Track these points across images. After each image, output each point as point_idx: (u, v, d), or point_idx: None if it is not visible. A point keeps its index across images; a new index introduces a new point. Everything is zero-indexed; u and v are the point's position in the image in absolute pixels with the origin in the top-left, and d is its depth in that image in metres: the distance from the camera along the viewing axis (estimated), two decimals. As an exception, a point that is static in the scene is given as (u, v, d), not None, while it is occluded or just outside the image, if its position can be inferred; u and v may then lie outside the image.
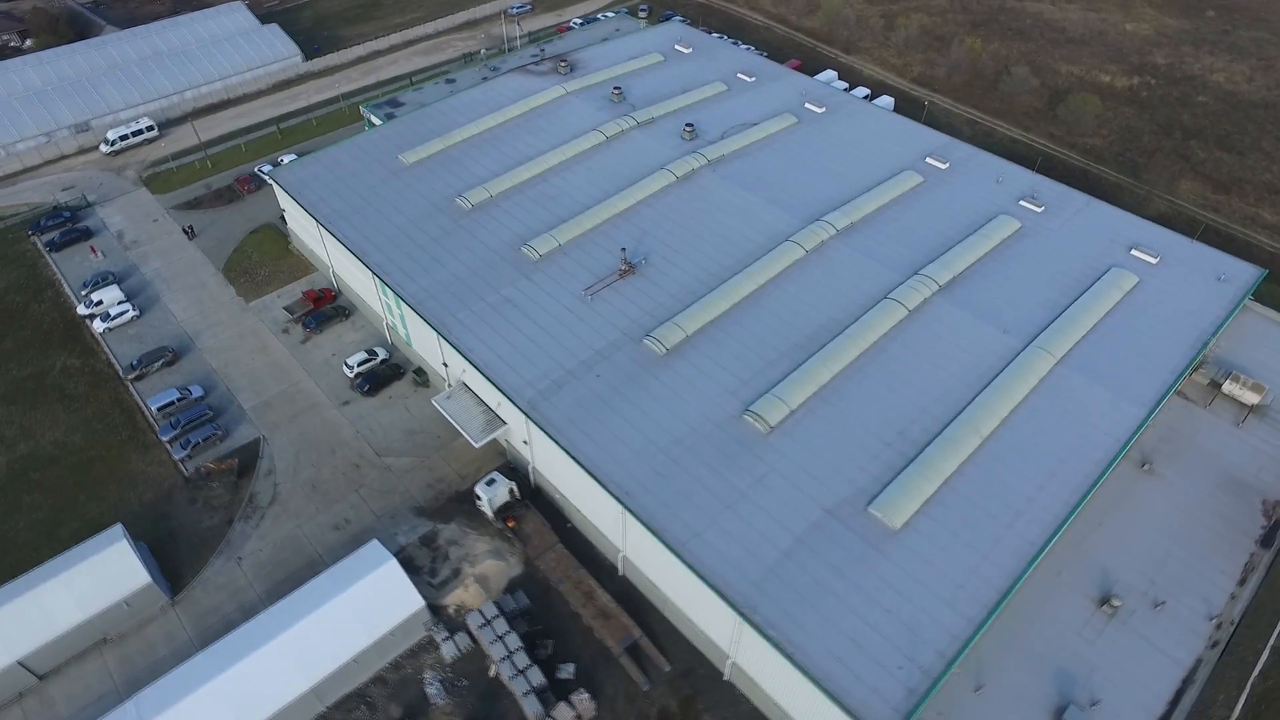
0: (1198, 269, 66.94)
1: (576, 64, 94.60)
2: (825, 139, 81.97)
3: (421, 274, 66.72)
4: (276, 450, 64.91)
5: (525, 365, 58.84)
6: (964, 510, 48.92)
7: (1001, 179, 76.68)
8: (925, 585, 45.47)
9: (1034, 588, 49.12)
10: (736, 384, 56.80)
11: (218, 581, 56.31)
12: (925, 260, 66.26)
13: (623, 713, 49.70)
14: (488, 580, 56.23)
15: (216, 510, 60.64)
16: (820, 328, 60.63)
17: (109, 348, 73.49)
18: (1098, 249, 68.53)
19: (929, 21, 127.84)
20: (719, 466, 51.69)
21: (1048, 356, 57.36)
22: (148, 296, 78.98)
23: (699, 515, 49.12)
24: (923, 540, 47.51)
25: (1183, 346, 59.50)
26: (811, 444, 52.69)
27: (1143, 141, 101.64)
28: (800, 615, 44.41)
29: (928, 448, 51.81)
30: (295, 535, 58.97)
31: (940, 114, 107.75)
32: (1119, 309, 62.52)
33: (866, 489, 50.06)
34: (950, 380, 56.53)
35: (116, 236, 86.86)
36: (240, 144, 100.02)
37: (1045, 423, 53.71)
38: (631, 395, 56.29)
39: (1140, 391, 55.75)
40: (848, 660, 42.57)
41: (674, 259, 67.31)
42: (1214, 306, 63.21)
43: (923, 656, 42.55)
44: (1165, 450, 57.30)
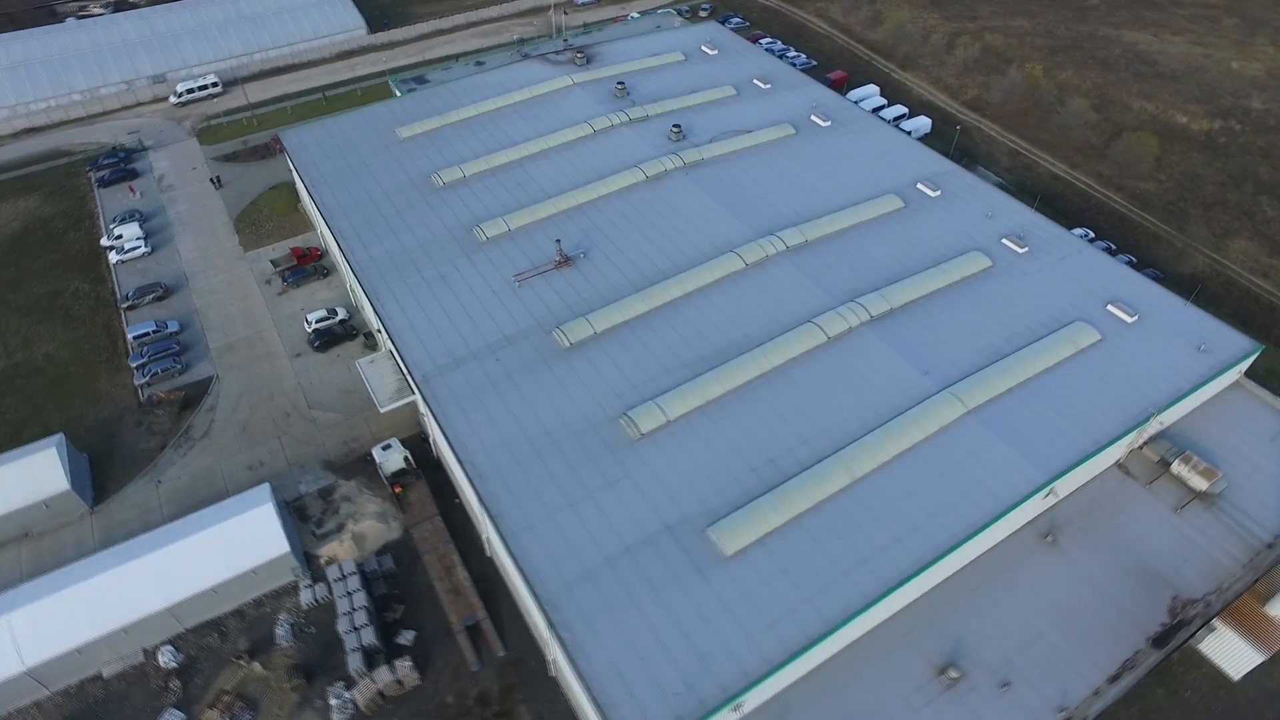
0: (1179, 334, 60.37)
1: (595, 57, 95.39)
2: (817, 153, 79.12)
3: (375, 242, 69.75)
4: (224, 390, 69.84)
5: (434, 340, 60.61)
6: (804, 549, 46.70)
7: (993, 214, 71.70)
8: (734, 617, 43.87)
9: (875, 643, 46.71)
10: (626, 387, 56.35)
11: (134, 499, 61.44)
12: (870, 288, 63.12)
13: (444, 687, 50.74)
14: (364, 539, 58.59)
15: (155, 436, 66.03)
16: (732, 343, 59.09)
17: (116, 278, 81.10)
18: (1069, 299, 63.02)
19: (1003, 43, 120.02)
20: (577, 465, 51.62)
21: (958, 405, 53.51)
22: (164, 236, 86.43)
23: (540, 508, 49.31)
24: (750, 571, 45.79)
25: (1121, 416, 53.96)
26: (676, 457, 51.63)
27: (1204, 191, 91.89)
28: (599, 623, 43.91)
29: (791, 480, 49.69)
30: (213, 469, 63.41)
31: (982, 140, 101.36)
32: (1066, 366, 57.34)
33: (713, 511, 48.65)
34: (844, 415, 53.83)
35: (158, 179, 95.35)
36: (287, 106, 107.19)
37: (928, 473, 50.26)
38: (522, 383, 56.94)
39: (1049, 457, 51.08)
40: (628, 676, 41.79)
41: (614, 257, 67.20)
42: (1179, 377, 56.89)
43: (704, 688, 41.20)
44: (1080, 524, 52.63)
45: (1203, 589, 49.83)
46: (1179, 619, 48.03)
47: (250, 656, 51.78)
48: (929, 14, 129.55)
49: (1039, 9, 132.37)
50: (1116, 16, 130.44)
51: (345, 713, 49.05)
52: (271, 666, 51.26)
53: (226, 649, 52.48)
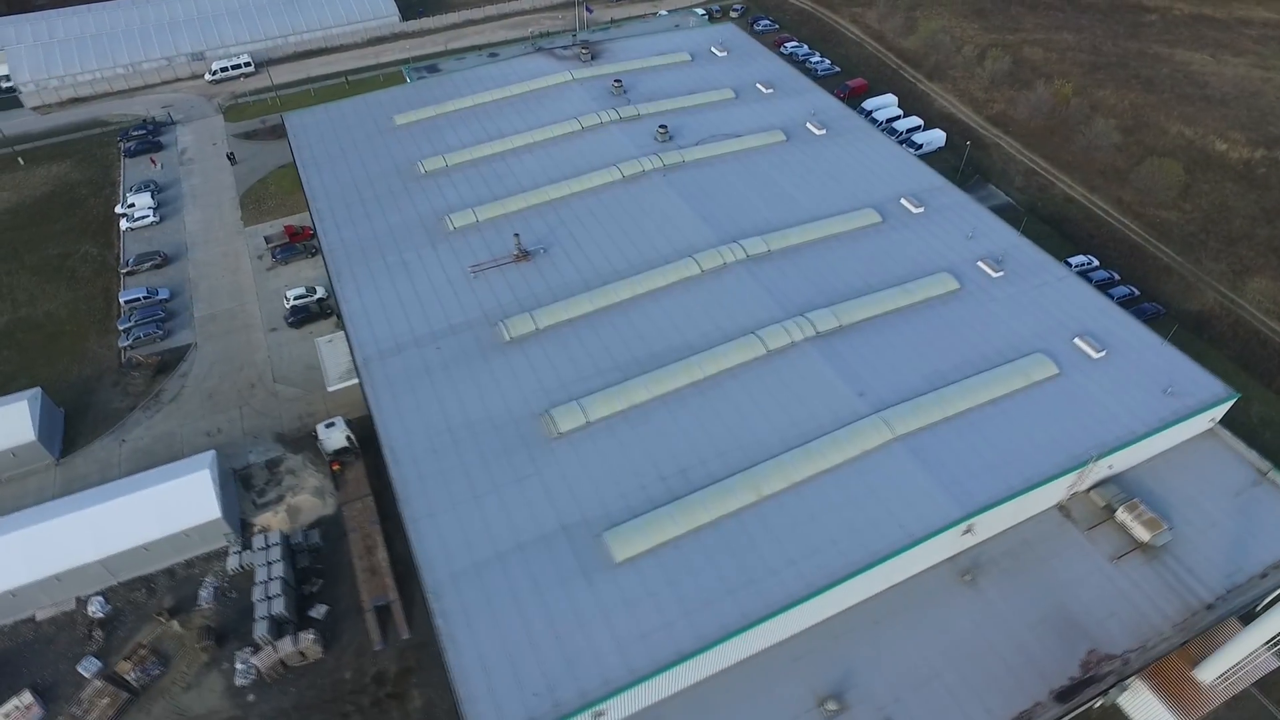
0: (1147, 374, 56.84)
1: (601, 53, 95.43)
2: (803, 162, 77.39)
3: (349, 226, 71.57)
4: (199, 357, 72.96)
5: (383, 325, 61.83)
6: (696, 563, 45.87)
7: (974, 234, 68.89)
8: (610, 624, 43.49)
9: (762, 666, 45.66)
10: (556, 385, 56.41)
11: (98, 455, 64.81)
12: (825, 304, 61.49)
13: (345, 664, 52.00)
14: (299, 512, 60.39)
15: (128, 396, 69.49)
16: (670, 349, 58.42)
17: (123, 244, 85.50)
18: (1036, 329, 60.07)
19: (1041, 57, 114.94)
20: (491, 458, 51.96)
21: (885, 431, 51.65)
22: (174, 207, 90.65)
23: (445, 497, 49.87)
24: (635, 580, 45.28)
25: (1060, 457, 51.08)
26: (589, 459, 51.44)
27: (1231, 224, 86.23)
28: (476, 616, 44.21)
29: (697, 492, 48.92)
30: (174, 433, 66.35)
31: (999, 158, 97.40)
32: (1014, 398, 54.65)
33: (613, 516, 48.28)
34: (768, 431, 52.61)
35: (180, 153, 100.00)
36: (311, 89, 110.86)
37: (838, 498, 48.68)
38: (456, 373, 57.64)
39: (970, 493, 48.79)
40: (493, 672, 41.94)
41: (573, 254, 67.25)
42: (1136, 420, 53.58)
43: (564, 692, 41.03)
44: (1005, 565, 50.26)
45: (1124, 645, 46.93)
46: (1091, 674, 45.41)
47: (171, 614, 54.13)
48: (969, 24, 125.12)
49: (1090, 23, 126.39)
50: (1174, 34, 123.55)
51: (248, 678, 50.83)
52: (188, 626, 53.48)
53: (151, 605, 54.97)
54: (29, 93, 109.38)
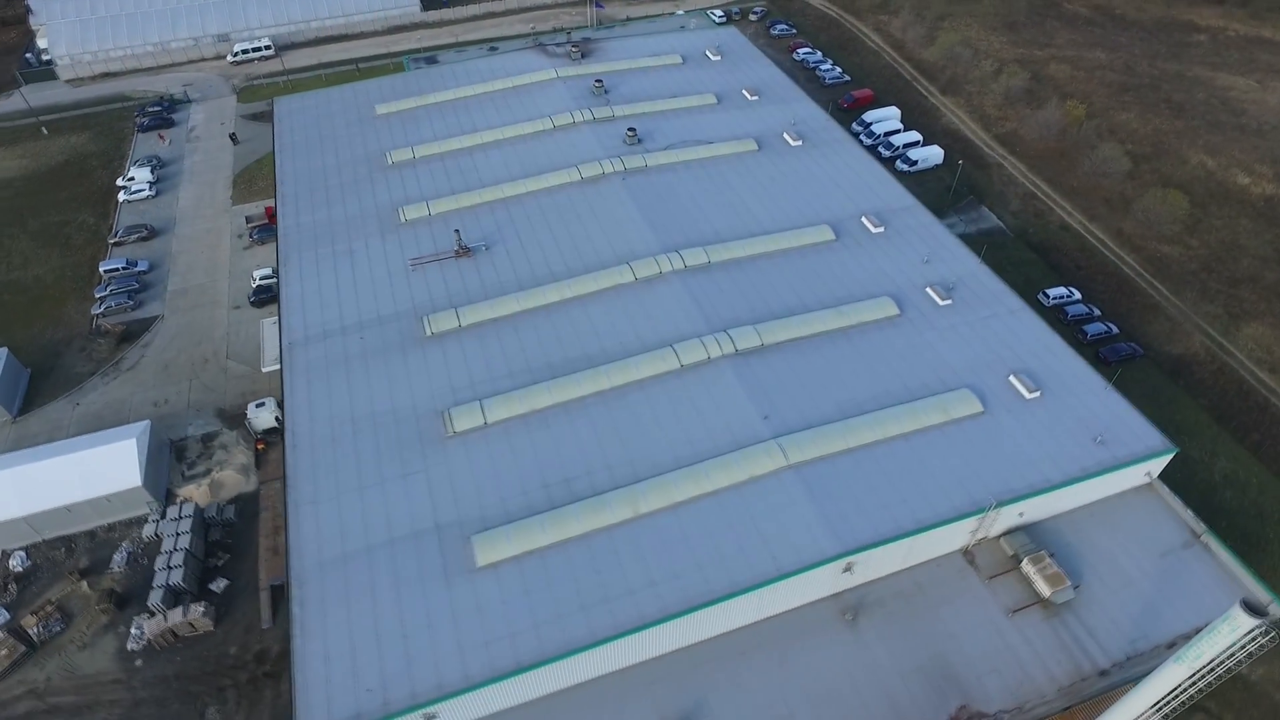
0: (1081, 420, 53.58)
1: (592, 52, 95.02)
2: (769, 173, 75.56)
3: (309, 211, 73.12)
4: (164, 329, 75.72)
5: (316, 311, 63.02)
6: (557, 576, 45.37)
7: (931, 259, 66.16)
8: (456, 628, 43.39)
9: (615, 686, 44.97)
10: (465, 384, 56.53)
11: (51, 416, 67.97)
12: (754, 320, 59.93)
13: (232, 639, 53.31)
14: (221, 487, 62.17)
15: (91, 362, 72.64)
16: (585, 356, 57.86)
17: (117, 216, 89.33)
18: (969, 362, 57.35)
19: (1067, 75, 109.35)
20: (384, 452, 52.43)
21: (779, 458, 50.01)
22: (171, 182, 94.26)
23: (331, 486, 50.57)
24: (493, 586, 45.06)
25: (960, 501, 48.61)
26: (477, 460, 51.39)
27: (1238, 265, 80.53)
28: (332, 607, 44.72)
29: (574, 504, 48.38)
30: (125, 400, 69.06)
31: (1000, 179, 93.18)
32: (928, 434, 52.25)
33: (486, 520, 48.15)
34: (661, 447, 51.57)
35: (189, 130, 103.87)
36: (323, 74, 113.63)
37: (716, 523, 47.34)
38: (373, 364, 58.31)
39: (854, 530, 46.87)
40: (334, 663, 42.35)
41: (515, 254, 67.23)
42: (1056, 468, 50.56)
43: (396, 691, 41.16)
44: (892, 608, 48.27)
45: (998, 704, 44.47)
46: (954, 731, 43.28)
47: (83, 575, 56.44)
48: (997, 37, 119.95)
49: (1129, 41, 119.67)
50: (1222, 57, 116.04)
51: (138, 643, 52.63)
52: (95, 588, 55.65)
53: (68, 564, 57.44)
54: (64, 66, 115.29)
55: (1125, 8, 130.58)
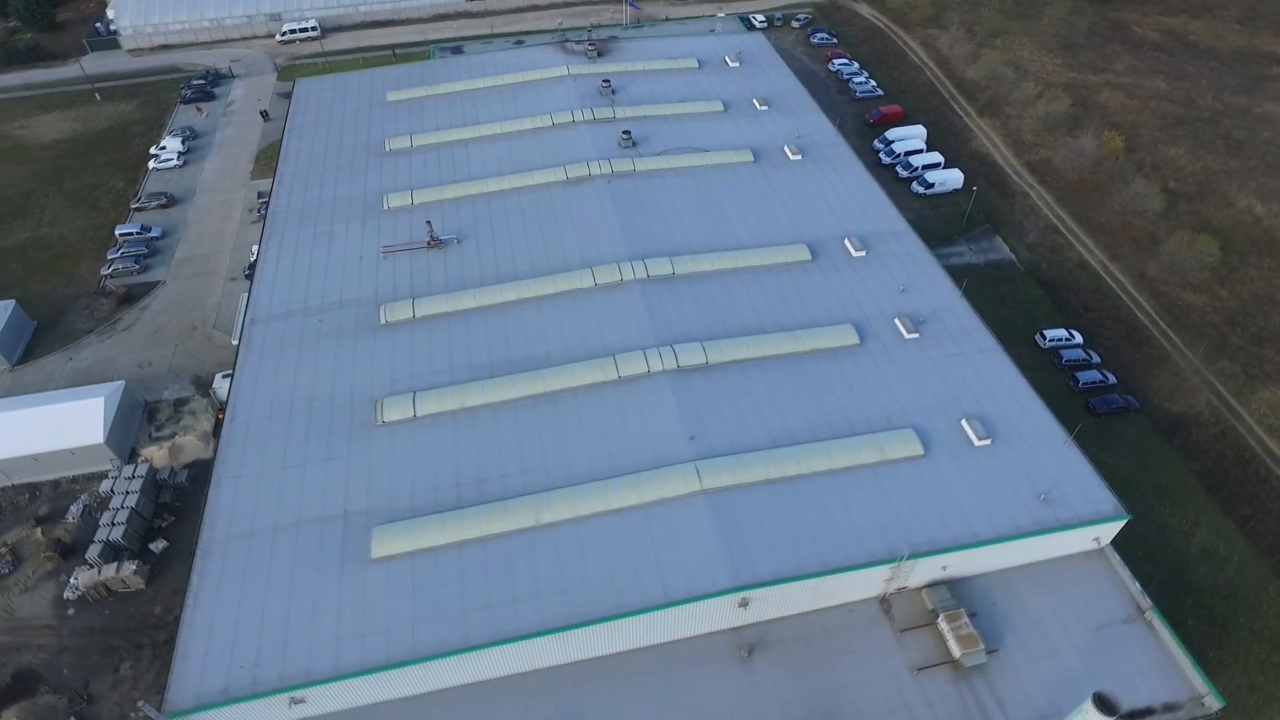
0: (1029, 475, 50.26)
1: (610, 51, 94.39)
2: (759, 186, 73.58)
3: (301, 192, 75.05)
4: (162, 295, 79.08)
5: (285, 289, 64.65)
6: (446, 576, 45.18)
7: (907, 289, 63.20)
8: (339, 617, 43.74)
9: (491, 694, 44.57)
10: (405, 375, 57.00)
11: (46, 368, 71.86)
12: (705, 337, 58.41)
13: (161, 599, 55.21)
14: (181, 451, 64.51)
15: (91, 320, 76.47)
16: (529, 358, 57.52)
17: (144, 182, 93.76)
18: (921, 401, 54.52)
19: (1119, 104, 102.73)
20: (314, 434, 53.35)
21: (694, 482, 48.55)
22: (200, 154, 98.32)
23: (257, 463, 51.79)
24: (382, 579, 45.27)
25: (874, 546, 46.23)
26: (399, 452, 51.75)
27: (1271, 322, 74.12)
28: (228, 580, 45.75)
29: (479, 506, 48.18)
30: (113, 359, 72.44)
31: (1022, 209, 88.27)
32: (855, 474, 49.87)
33: (393, 513, 48.44)
34: (581, 458, 50.83)
35: (227, 104, 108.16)
36: (360, 58, 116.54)
37: (615, 542, 46.26)
38: (324, 347, 59.42)
39: (753, 565, 45.08)
40: (216, 635, 43.28)
41: (485, 249, 67.40)
42: (985, 523, 47.57)
43: (266, 671, 41.83)
44: (793, 650, 46.46)
45: (881, 765, 42.33)
46: (824, 786, 41.27)
47: (39, 522, 59.50)
48: (1050, 59, 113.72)
49: (1197, 71, 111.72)
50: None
51: (74, 593, 55.18)
52: (47, 535, 58.61)
53: (29, 510, 60.67)
54: (127, 36, 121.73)
55: (1202, 34, 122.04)
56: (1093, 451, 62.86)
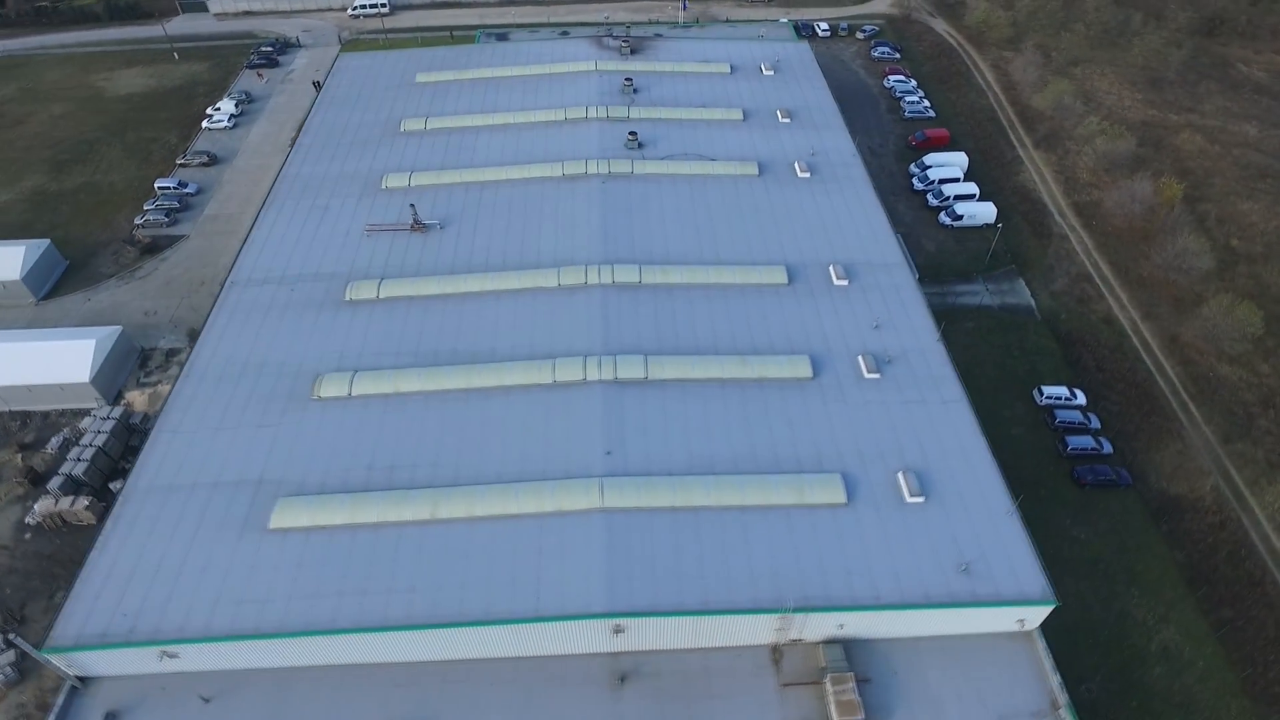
0: (955, 541, 46.61)
1: (644, 49, 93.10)
2: (756, 201, 71.10)
3: (312, 164, 77.50)
4: (184, 249, 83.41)
5: (270, 256, 66.91)
6: (335, 556, 45.64)
7: (882, 325, 59.71)
8: (224, 581, 44.91)
9: (360, 677, 44.71)
10: (355, 352, 58.01)
11: (66, 306, 77.04)
12: (654, 351, 56.83)
13: (106, 537, 58.47)
14: (159, 399, 67.82)
15: (115, 265, 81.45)
16: (476, 351, 57.53)
17: (195, 139, 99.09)
18: (864, 449, 51.41)
19: (1196, 148, 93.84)
20: (253, 399, 54.95)
21: (595, 498, 47.41)
22: (250, 117, 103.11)
23: (196, 420, 53.70)
24: (273, 550, 46.18)
25: (763, 594, 43.90)
26: (326, 428, 52.67)
27: (1312, 407, 66.24)
28: (137, 529, 47.67)
29: (381, 492, 48.50)
30: (125, 304, 76.99)
31: (1055, 252, 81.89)
32: (766, 514, 47.49)
33: (302, 487, 49.40)
34: (496, 458, 50.45)
35: (287, 73, 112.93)
36: (418, 36, 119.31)
37: (503, 547, 45.66)
38: (288, 317, 61.20)
39: (631, 594, 43.57)
40: (109, 583, 45.09)
41: (465, 238, 67.81)
42: (890, 587, 44.39)
43: (144, 623, 43.33)
44: (667, 687, 44.81)
45: (725, 822, 40.25)
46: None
47: (23, 448, 63.96)
48: (1132, 93, 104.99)
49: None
50: None
51: (34, 519, 59.07)
52: (25, 462, 62.91)
53: (16, 436, 65.31)
54: (214, 0, 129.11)
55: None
56: (1066, 524, 58.82)
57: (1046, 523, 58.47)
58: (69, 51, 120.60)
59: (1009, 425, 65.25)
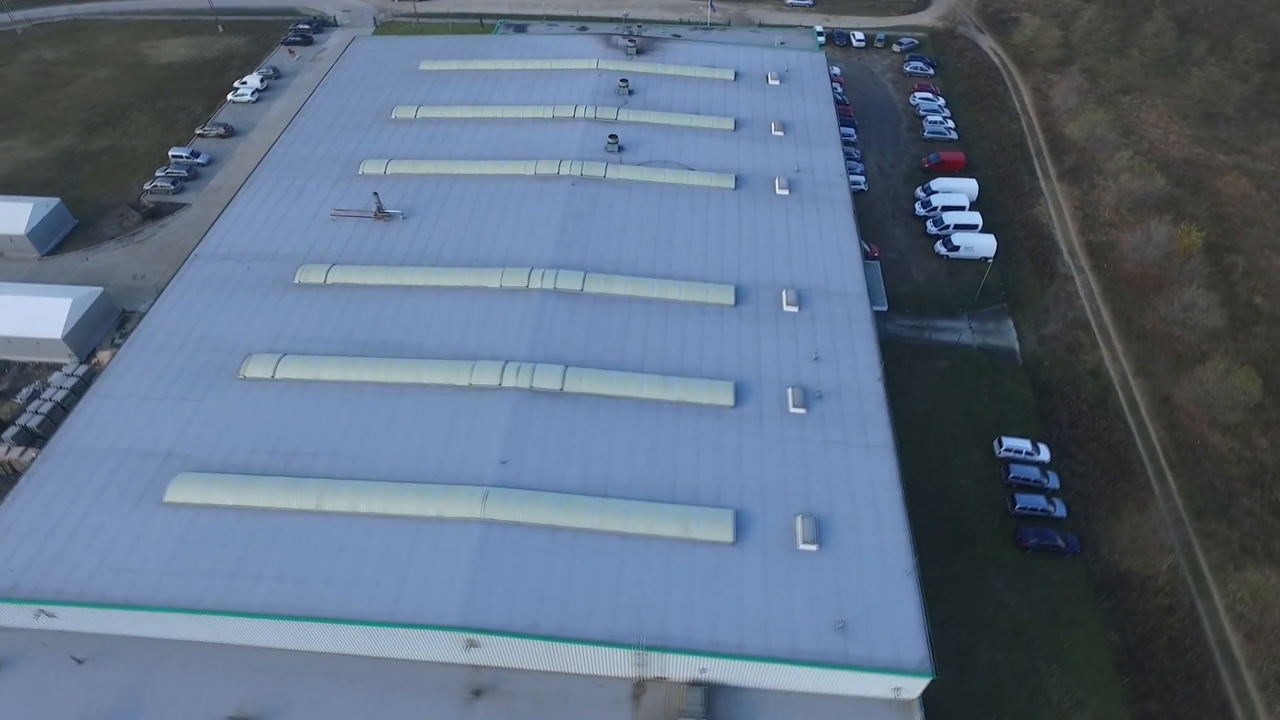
0: (839, 596, 44.05)
1: (651, 50, 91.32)
2: (724, 216, 68.97)
3: (303, 144, 79.07)
4: (183, 217, 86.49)
5: (238, 233, 68.55)
6: (214, 537, 46.38)
7: (821, 357, 57.06)
8: (110, 547, 46.15)
9: (215, 655, 44.98)
10: (291, 334, 58.83)
11: (65, 263, 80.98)
12: (579, 363, 55.75)
13: (49, 489, 61.18)
14: (126, 362, 70.69)
15: (119, 228, 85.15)
16: (405, 345, 57.53)
17: (218, 111, 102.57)
18: (768, 488, 49.27)
19: (1238, 193, 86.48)
20: (185, 373, 56.24)
21: (476, 507, 46.74)
22: (274, 93, 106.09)
23: (128, 387, 55.41)
24: (162, 523, 47.20)
25: (621, 626, 42.48)
26: (243, 408, 53.61)
27: (1307, 491, 60.15)
28: (45, 489, 49.33)
29: (275, 477, 49.02)
30: (118, 266, 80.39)
31: (1054, 295, 76.70)
32: (650, 543, 45.97)
33: (207, 464, 50.38)
34: (394, 454, 50.42)
35: (319, 51, 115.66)
36: (450, 23, 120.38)
37: (375, 545, 45.57)
38: (239, 294, 62.55)
39: (488, 610, 42.77)
40: (12, 533, 46.86)
41: (425, 230, 67.94)
42: (755, 636, 42.33)
43: (27, 581, 44.76)
44: (520, 709, 43.86)
45: None
46: None
47: (-6, 396, 67.80)
48: (1180, 127, 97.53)
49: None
50: None
51: (-11, 464, 62.48)
52: (-7, 409, 66.58)
53: (-9, 383, 69.23)
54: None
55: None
56: (998, 587, 55.44)
57: (976, 583, 55.23)
58: (126, 18, 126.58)
59: (959, 475, 61.67)
